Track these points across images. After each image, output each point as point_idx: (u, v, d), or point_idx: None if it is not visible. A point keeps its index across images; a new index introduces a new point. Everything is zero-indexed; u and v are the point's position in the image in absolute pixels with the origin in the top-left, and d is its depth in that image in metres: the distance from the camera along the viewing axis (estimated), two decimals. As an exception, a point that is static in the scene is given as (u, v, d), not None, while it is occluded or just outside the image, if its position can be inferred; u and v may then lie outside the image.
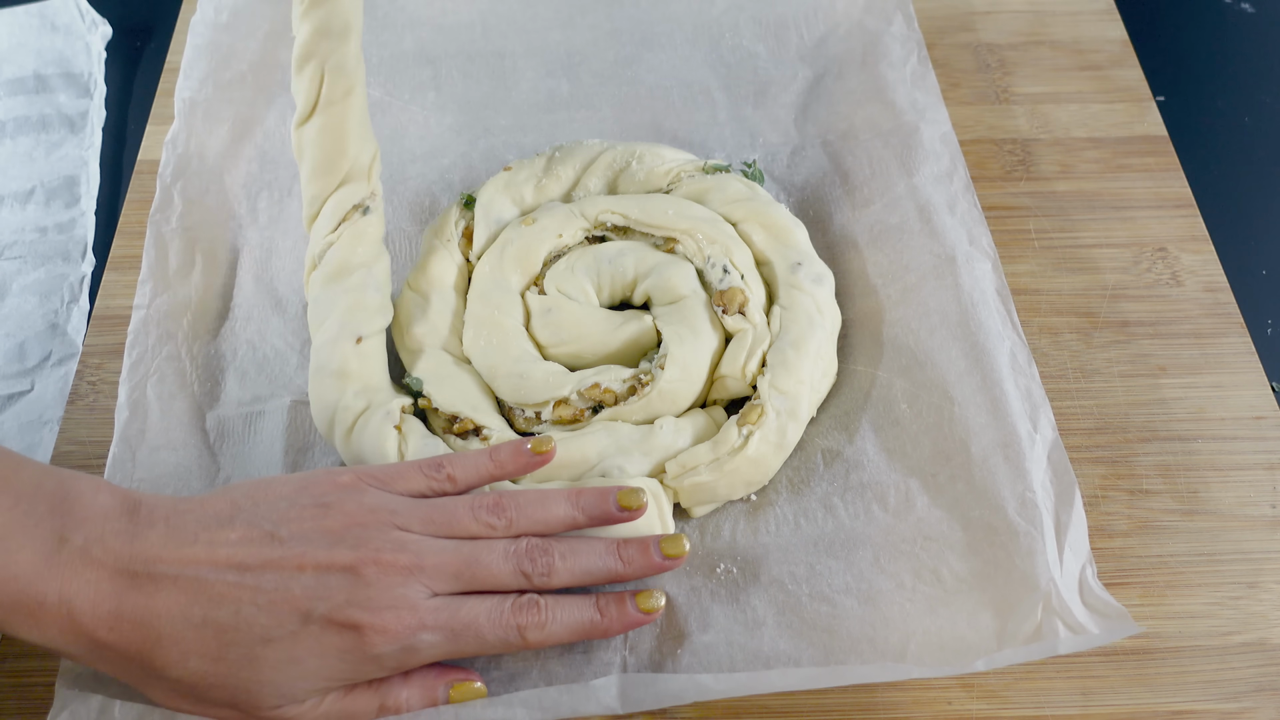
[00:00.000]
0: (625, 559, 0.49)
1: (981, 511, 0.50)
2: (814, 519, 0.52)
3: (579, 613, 0.47)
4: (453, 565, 0.46)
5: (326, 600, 0.43)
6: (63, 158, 0.71)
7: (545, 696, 0.46)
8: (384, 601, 0.44)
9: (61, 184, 0.69)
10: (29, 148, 0.71)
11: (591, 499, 0.49)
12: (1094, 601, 0.47)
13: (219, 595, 0.43)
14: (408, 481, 0.49)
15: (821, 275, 0.58)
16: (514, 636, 0.46)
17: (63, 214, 0.68)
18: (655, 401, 0.54)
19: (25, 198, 0.69)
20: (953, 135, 0.64)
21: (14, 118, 0.72)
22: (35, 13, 0.77)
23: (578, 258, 0.59)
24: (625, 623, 0.48)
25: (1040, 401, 0.53)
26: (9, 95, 0.73)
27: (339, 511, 0.46)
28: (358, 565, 0.44)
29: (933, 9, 0.76)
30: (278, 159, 0.67)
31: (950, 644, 0.47)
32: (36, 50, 0.75)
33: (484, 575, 0.46)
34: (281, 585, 0.43)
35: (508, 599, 0.46)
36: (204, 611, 0.42)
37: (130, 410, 0.56)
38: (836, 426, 0.55)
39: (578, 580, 0.48)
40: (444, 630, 0.45)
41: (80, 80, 0.74)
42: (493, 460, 0.50)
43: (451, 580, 0.46)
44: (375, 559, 0.44)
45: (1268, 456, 0.56)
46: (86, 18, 0.77)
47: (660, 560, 0.49)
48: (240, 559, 0.43)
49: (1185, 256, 0.64)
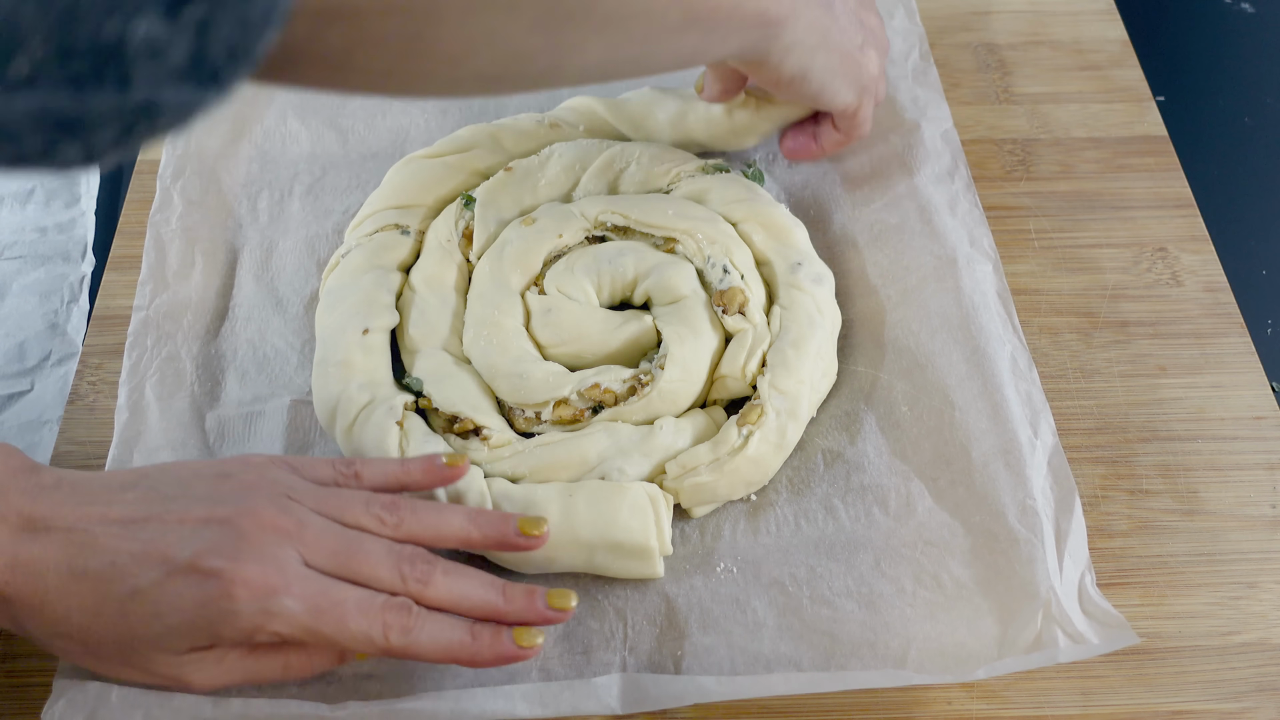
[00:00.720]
0: (508, 597, 0.46)
1: (982, 517, 0.50)
2: (814, 520, 0.52)
3: (450, 631, 0.45)
4: (332, 543, 0.45)
5: (193, 547, 0.43)
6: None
7: (546, 691, 0.46)
8: (251, 555, 0.43)
9: (61, 184, 0.69)
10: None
11: (491, 520, 0.48)
12: (1093, 610, 0.47)
13: (100, 546, 0.43)
14: (316, 470, 0.48)
15: (821, 275, 0.58)
16: (377, 633, 0.44)
17: (63, 214, 0.68)
18: (655, 402, 0.54)
19: (25, 198, 0.69)
20: (954, 133, 0.64)
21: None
22: None
23: (578, 258, 0.59)
24: (498, 652, 0.45)
25: (1041, 407, 0.53)
26: None
27: (237, 481, 0.46)
28: (234, 517, 0.44)
29: (933, 9, 0.76)
30: (278, 158, 0.67)
31: (951, 650, 0.47)
32: None
33: (362, 563, 0.45)
34: (158, 536, 0.43)
35: (380, 595, 0.45)
36: (84, 562, 0.43)
37: (130, 411, 0.56)
38: (837, 427, 0.55)
39: (454, 601, 0.46)
40: (307, 602, 0.43)
41: None
42: (402, 467, 0.50)
43: (329, 558, 0.44)
44: (253, 513, 0.44)
45: (1268, 456, 0.56)
46: None
47: (544, 609, 0.46)
48: (129, 515, 0.44)
49: (1185, 256, 0.64)
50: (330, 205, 0.65)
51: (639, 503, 0.50)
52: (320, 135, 0.69)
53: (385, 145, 0.68)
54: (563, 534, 0.50)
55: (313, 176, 0.66)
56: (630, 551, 0.50)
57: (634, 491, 0.51)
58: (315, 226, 0.64)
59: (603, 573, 0.50)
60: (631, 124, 0.65)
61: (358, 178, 0.66)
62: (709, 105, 0.63)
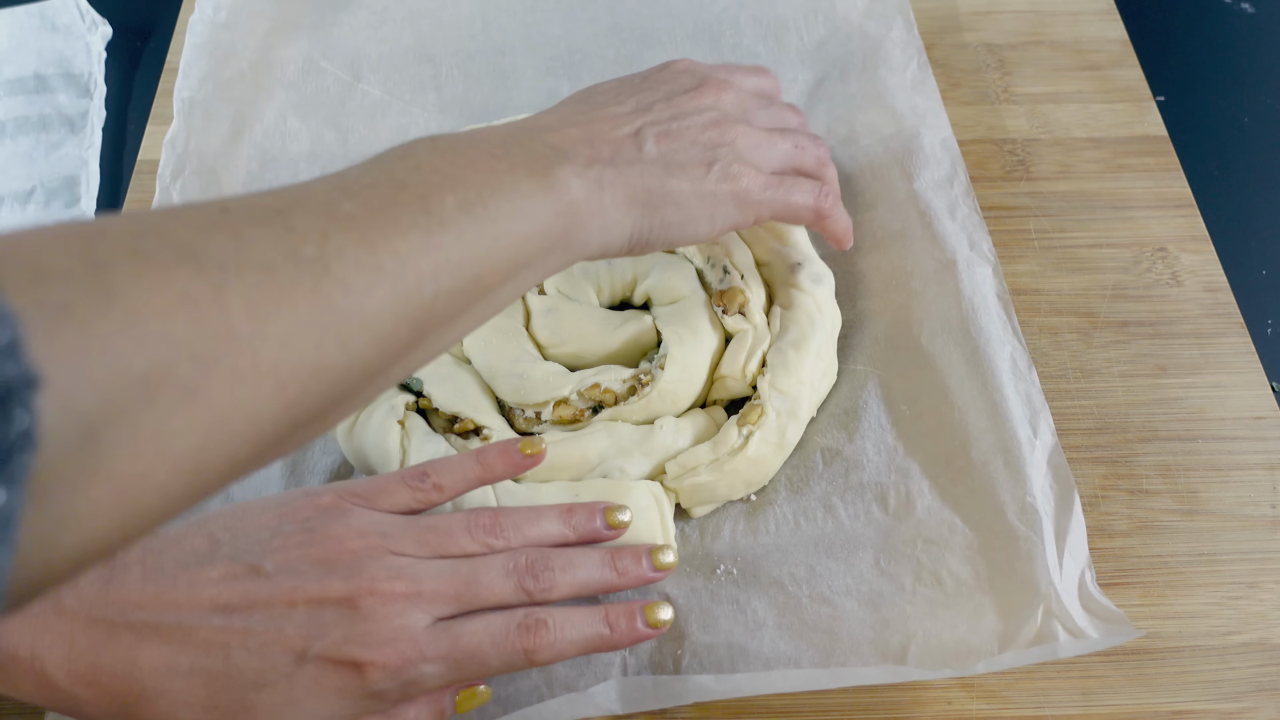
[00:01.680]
0: (620, 570, 0.48)
1: (982, 515, 0.50)
2: (814, 519, 0.52)
3: (588, 628, 0.45)
4: (452, 587, 0.44)
5: (322, 638, 0.41)
6: (63, 158, 0.71)
7: (545, 710, 0.46)
8: (383, 635, 0.41)
9: (61, 184, 0.69)
10: (29, 148, 0.71)
11: (582, 518, 0.49)
12: (1093, 606, 0.47)
13: (205, 641, 0.40)
14: (392, 496, 0.46)
15: (821, 275, 0.58)
16: (519, 660, 0.44)
17: (63, 214, 0.68)
18: (655, 401, 0.54)
19: (25, 198, 0.69)
20: (953, 140, 0.64)
21: (14, 118, 0.72)
22: (35, 13, 0.77)
23: (578, 257, 0.59)
24: (634, 637, 0.47)
25: (1040, 407, 0.53)
26: (9, 95, 0.73)
27: (325, 536, 0.43)
28: (354, 597, 0.41)
29: (933, 9, 0.76)
30: (278, 158, 0.67)
31: (951, 647, 0.47)
32: (36, 50, 0.75)
33: (485, 595, 0.45)
34: (273, 625, 0.41)
35: (513, 617, 0.44)
36: (190, 660, 0.40)
37: (130, 410, 0.55)
38: (836, 425, 0.55)
39: (576, 593, 0.47)
40: (445, 660, 0.43)
41: (80, 80, 0.74)
42: (480, 463, 0.48)
43: (451, 603, 0.44)
44: (371, 589, 0.42)
45: (1268, 456, 0.56)
46: (87, 18, 0.77)
47: (651, 572, 0.49)
48: (225, 599, 0.41)
49: (1185, 256, 0.64)
50: (330, 205, 0.65)
51: (643, 502, 0.51)
52: (320, 134, 0.69)
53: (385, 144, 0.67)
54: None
55: (313, 176, 0.66)
56: (634, 551, 0.50)
57: (638, 491, 0.51)
58: (315, 226, 0.64)
59: (605, 572, 0.51)
60: None
61: (358, 177, 0.66)
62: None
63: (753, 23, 0.75)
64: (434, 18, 0.75)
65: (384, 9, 0.75)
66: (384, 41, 0.74)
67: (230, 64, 0.70)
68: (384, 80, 0.72)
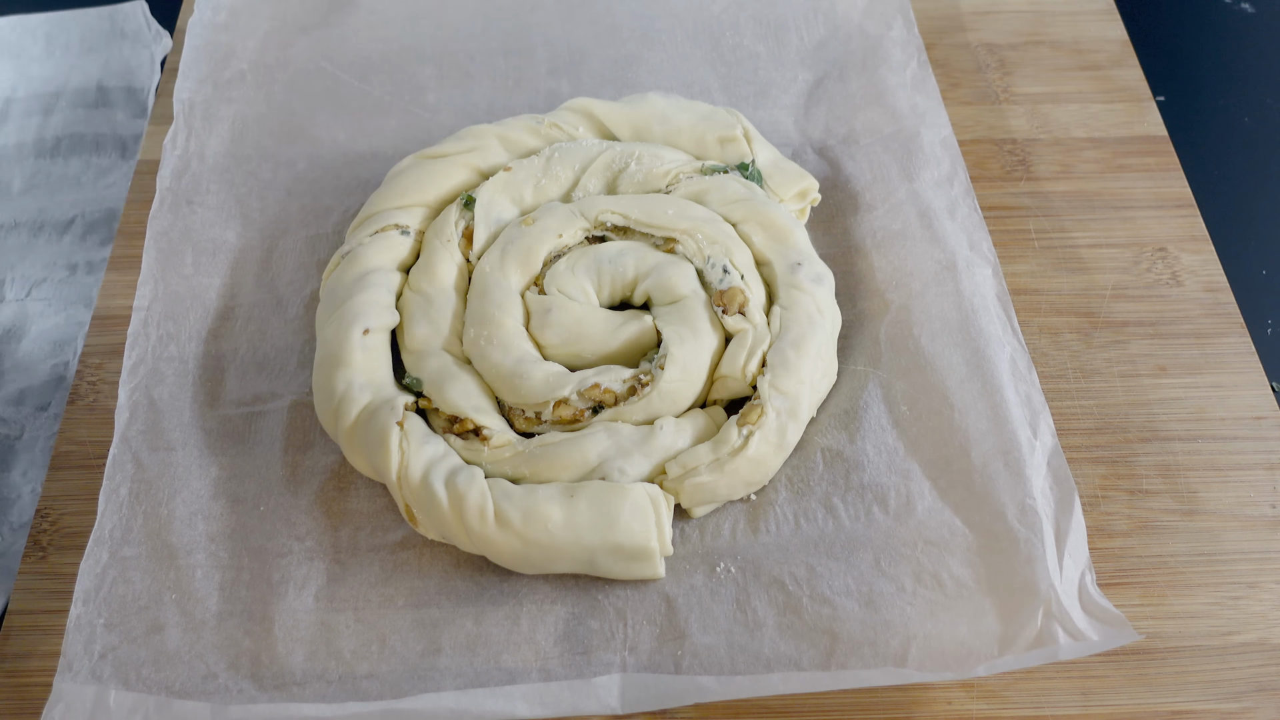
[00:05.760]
0: None
1: (982, 517, 0.50)
2: (814, 519, 0.52)
3: None
4: None
5: None
6: (109, 186, 0.70)
7: (546, 691, 0.46)
8: None
9: (102, 217, 0.68)
10: (79, 171, 0.70)
11: None
12: (1094, 608, 0.47)
13: None
14: None
15: (821, 275, 0.58)
16: None
17: (95, 252, 0.67)
18: (655, 402, 0.54)
19: (64, 228, 0.68)
20: (953, 139, 0.64)
21: (70, 134, 0.71)
22: (106, 16, 0.75)
23: (578, 258, 0.59)
24: None
25: (1040, 408, 0.53)
26: (71, 107, 0.72)
27: None
28: None
29: (933, 9, 0.76)
30: (278, 158, 0.67)
31: (951, 648, 0.47)
32: (105, 59, 0.74)
33: None
34: None
35: None
36: None
37: (130, 410, 0.56)
38: (836, 426, 0.55)
39: None
40: None
41: (139, 97, 0.73)
42: None
43: None
44: None
45: (1268, 456, 0.56)
46: (151, 27, 0.76)
47: None
48: None
49: (1185, 256, 0.64)
50: (330, 205, 0.65)
51: (640, 504, 0.50)
52: (321, 135, 0.69)
53: (386, 144, 0.68)
54: (564, 536, 0.50)
55: (313, 176, 0.66)
56: (631, 553, 0.50)
57: (635, 493, 0.51)
58: (315, 226, 0.64)
59: (603, 574, 0.50)
60: (631, 130, 0.65)
61: (358, 178, 0.66)
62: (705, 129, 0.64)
63: (753, 23, 0.75)
64: (434, 18, 0.75)
65: (384, 9, 0.75)
66: (386, 41, 0.74)
67: (230, 65, 0.70)
68: (384, 80, 0.72)
